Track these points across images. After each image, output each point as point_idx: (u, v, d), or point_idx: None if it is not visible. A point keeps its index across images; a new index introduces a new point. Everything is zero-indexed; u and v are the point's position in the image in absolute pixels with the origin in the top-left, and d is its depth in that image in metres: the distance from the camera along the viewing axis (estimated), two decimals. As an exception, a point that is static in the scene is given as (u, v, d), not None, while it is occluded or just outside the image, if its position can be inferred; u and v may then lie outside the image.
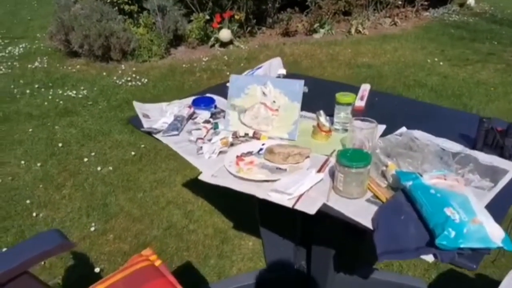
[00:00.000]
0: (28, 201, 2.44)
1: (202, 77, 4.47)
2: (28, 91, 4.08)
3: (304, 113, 1.56)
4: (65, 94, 4.01)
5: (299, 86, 1.39)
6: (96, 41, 4.65)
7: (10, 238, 2.16)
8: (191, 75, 4.51)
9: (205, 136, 1.44)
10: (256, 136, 1.40)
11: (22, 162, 2.85)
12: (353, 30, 5.91)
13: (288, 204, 1.06)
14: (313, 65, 4.75)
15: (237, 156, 1.28)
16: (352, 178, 1.03)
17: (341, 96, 1.40)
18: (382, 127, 1.42)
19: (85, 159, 2.88)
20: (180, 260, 2.03)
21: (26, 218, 2.32)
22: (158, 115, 1.62)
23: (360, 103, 1.60)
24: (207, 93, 1.81)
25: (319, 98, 1.64)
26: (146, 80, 4.34)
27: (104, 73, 4.54)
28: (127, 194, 2.53)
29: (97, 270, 1.94)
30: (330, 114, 1.45)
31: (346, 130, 1.42)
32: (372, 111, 1.57)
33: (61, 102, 3.83)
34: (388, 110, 1.62)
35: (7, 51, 5.38)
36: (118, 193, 2.54)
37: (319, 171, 1.18)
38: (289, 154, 1.23)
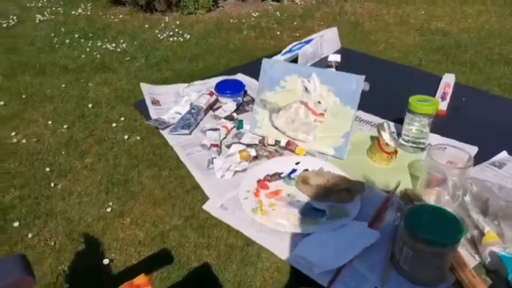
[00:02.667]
0: (48, 169, 2.27)
1: (249, 36, 4.04)
2: (67, 41, 3.89)
3: (360, 114, 1.16)
4: (103, 46, 3.78)
5: (356, 83, 0.98)
6: (141, -12, 4.32)
7: (24, 209, 2.01)
8: (237, 33, 4.09)
9: (223, 139, 1.10)
10: (289, 147, 1.03)
11: (50, 122, 2.68)
12: (429, -13, 5.08)
13: (321, 281, 0.70)
14: (377, 28, 4.13)
15: (259, 180, 0.93)
16: (428, 260, 0.65)
17: (419, 103, 0.97)
18: (473, 150, 0.99)
19: (114, 124, 2.65)
20: (198, 259, 1.78)
21: (44, 188, 2.16)
22: (172, 101, 1.28)
23: (441, 105, 1.17)
24: (239, 72, 1.43)
25: (382, 90, 1.22)
26: (188, 36, 3.99)
27: (147, 26, 4.24)
28: (151, 170, 2.29)
29: (106, 261, 1.74)
30: (396, 119, 1.05)
31: (417, 149, 1.01)
32: (455, 118, 1.14)
33: (98, 55, 3.61)
34: (480, 118, 1.16)
35: (53, -5, 5.22)
36: (142, 168, 2.30)
37: (373, 222, 0.81)
38: (332, 189, 0.86)
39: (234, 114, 1.20)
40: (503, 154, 0.98)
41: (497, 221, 0.73)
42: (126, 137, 2.53)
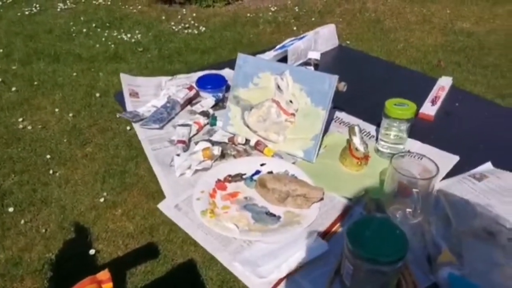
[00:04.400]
0: (49, 156, 2.30)
1: (265, 30, 3.97)
2: (84, 30, 3.94)
3: (343, 116, 1.10)
4: (119, 37, 3.80)
5: (329, 83, 0.92)
6: (160, -20, 4.32)
7: (21, 195, 2.04)
8: (253, 27, 4.03)
9: (193, 136, 1.06)
10: (258, 147, 0.98)
11: (57, 110, 2.71)
12: (458, -15, 4.86)
13: (257, 292, 0.66)
14: (398, 27, 3.98)
15: (218, 181, 0.89)
16: (368, 277, 0.60)
17: (394, 107, 0.90)
18: (452, 159, 0.92)
19: (118, 115, 2.65)
20: (184, 255, 1.75)
21: (42, 175, 2.19)
22: (151, 94, 1.25)
23: (429, 110, 1.09)
24: (227, 67, 1.39)
25: (374, 92, 1.16)
26: (204, 28, 3.97)
27: (163, 17, 4.24)
28: (148, 163, 2.26)
29: (92, 251, 1.74)
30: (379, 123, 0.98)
31: (393, 156, 0.94)
32: (443, 124, 1.06)
33: (112, 45, 3.64)
34: (470, 126, 1.08)
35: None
36: (140, 160, 2.30)
37: (325, 233, 0.75)
38: (289, 194, 0.80)
39: (211, 110, 1.16)
40: (487, 166, 0.90)
41: (457, 239, 0.66)
42: (128, 128, 2.53)
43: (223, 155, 0.97)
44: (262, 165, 0.93)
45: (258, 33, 3.92)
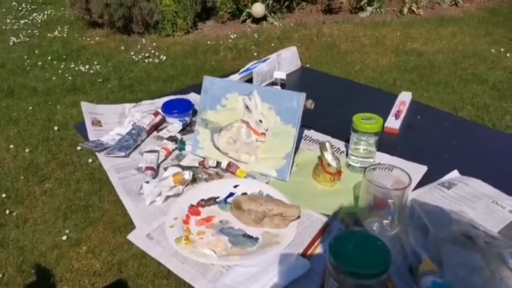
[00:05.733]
0: (4, 195, 2.16)
1: (226, 57, 4.02)
2: (40, 63, 3.82)
3: (312, 133, 1.11)
4: (76, 68, 3.71)
5: (297, 101, 0.92)
6: (117, 11, 4.29)
7: (-26, 239, 1.89)
8: (214, 54, 4.07)
9: (161, 162, 1.02)
10: (230, 169, 0.97)
11: (12, 146, 2.57)
12: (405, 10, 5.17)
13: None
14: (353, 49, 4.15)
15: (191, 206, 0.86)
16: (352, 293, 0.58)
17: (362, 121, 0.92)
18: (421, 169, 0.94)
19: (79, 147, 2.56)
20: (156, 290, 1.67)
21: (-2, 216, 2.04)
22: (115, 122, 1.21)
23: (393, 124, 1.12)
24: (192, 92, 1.38)
25: (339, 109, 1.18)
26: (164, 57, 3.95)
27: (123, 47, 4.20)
28: (114, 195, 2.16)
29: (55, 294, 1.63)
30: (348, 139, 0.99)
31: (365, 169, 0.95)
32: (407, 136, 1.09)
33: (70, 77, 3.54)
34: (433, 137, 1.12)
35: (30, 18, 5.16)
36: (104, 192, 2.21)
37: (306, 250, 0.73)
38: (265, 214, 0.79)
39: (178, 135, 1.13)
40: (454, 174, 0.93)
41: (436, 247, 0.66)
42: (90, 160, 2.44)
43: (194, 180, 0.95)
44: (235, 186, 0.91)
45: (219, 60, 3.95)
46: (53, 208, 2.10)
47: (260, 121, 0.96)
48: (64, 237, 1.91)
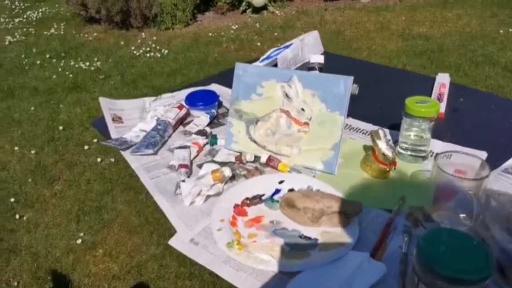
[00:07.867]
0: (13, 199, 2.08)
1: (229, 48, 3.91)
2: (38, 61, 3.71)
3: (351, 121, 1.03)
4: (76, 66, 3.61)
5: (344, 86, 0.84)
6: (115, 5, 4.17)
7: (-15, 247, 1.81)
8: (216, 46, 3.96)
9: (194, 159, 0.94)
10: (271, 163, 0.89)
11: (16, 148, 2.48)
12: (407, -7, 5.06)
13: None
14: (359, 36, 4.05)
15: (236, 206, 0.78)
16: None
17: (416, 105, 0.83)
18: (481, 156, 0.86)
19: (86, 147, 2.47)
20: (179, 292, 1.60)
21: (8, 221, 1.96)
22: (136, 118, 1.13)
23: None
24: (213, 83, 1.29)
25: (372, 95, 1.10)
26: (166, 51, 3.85)
27: (122, 42, 4.09)
28: (126, 194, 2.11)
29: (75, 301, 1.56)
30: (390, 125, 0.92)
31: (418, 158, 0.87)
32: (455, 120, 1.01)
33: (70, 75, 3.43)
34: (482, 120, 1.04)
35: (25, 16, 5.02)
36: (116, 192, 2.12)
37: (375, 251, 0.66)
38: (323, 212, 0.71)
39: (207, 129, 1.05)
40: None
41: (528, 243, 0.59)
42: (99, 160, 2.35)
43: (233, 177, 0.87)
44: (280, 182, 0.83)
45: (222, 52, 3.85)
46: (64, 210, 2.02)
47: (302, 109, 0.88)
48: (79, 241, 1.83)
